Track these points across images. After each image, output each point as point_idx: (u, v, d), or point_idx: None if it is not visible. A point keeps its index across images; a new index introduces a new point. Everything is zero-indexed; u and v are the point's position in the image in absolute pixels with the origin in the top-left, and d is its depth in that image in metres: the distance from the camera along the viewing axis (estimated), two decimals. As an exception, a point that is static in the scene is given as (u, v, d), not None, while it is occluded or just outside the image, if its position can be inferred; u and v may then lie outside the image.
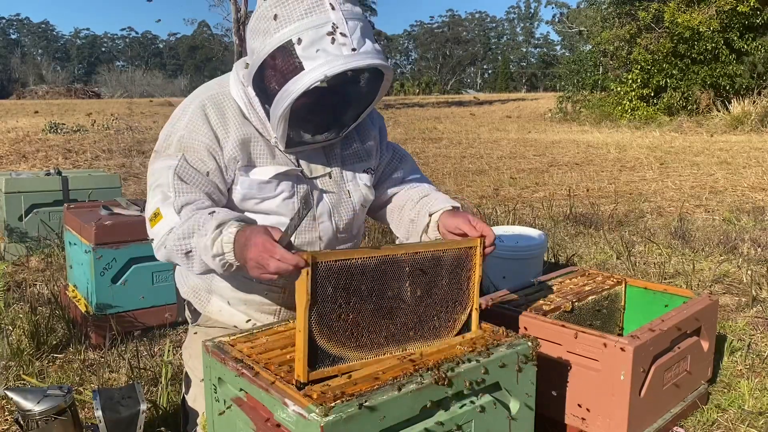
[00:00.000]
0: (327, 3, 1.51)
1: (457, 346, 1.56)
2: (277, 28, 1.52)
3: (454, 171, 9.36)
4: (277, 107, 1.57)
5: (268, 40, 1.54)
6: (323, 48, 1.49)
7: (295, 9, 1.51)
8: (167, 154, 1.69)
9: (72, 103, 34.46)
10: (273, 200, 1.75)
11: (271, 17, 1.53)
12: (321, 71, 1.48)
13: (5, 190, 4.45)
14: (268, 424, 1.36)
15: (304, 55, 1.49)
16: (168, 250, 1.61)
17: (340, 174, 1.84)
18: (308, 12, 1.51)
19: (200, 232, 1.54)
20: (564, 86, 24.67)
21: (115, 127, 16.15)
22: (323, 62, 1.48)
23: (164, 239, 1.61)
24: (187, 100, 1.77)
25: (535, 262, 3.66)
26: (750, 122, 15.23)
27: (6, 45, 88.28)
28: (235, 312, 1.90)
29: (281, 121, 1.60)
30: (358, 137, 1.88)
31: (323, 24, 1.49)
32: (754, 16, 16.81)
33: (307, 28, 1.49)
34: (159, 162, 1.70)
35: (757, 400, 2.37)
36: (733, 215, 5.73)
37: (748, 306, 3.40)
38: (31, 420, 1.72)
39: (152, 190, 1.68)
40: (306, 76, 1.49)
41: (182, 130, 1.70)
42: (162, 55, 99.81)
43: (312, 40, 1.49)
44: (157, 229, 1.63)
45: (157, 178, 1.68)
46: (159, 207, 1.63)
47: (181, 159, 1.66)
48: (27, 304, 3.34)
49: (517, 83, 79.16)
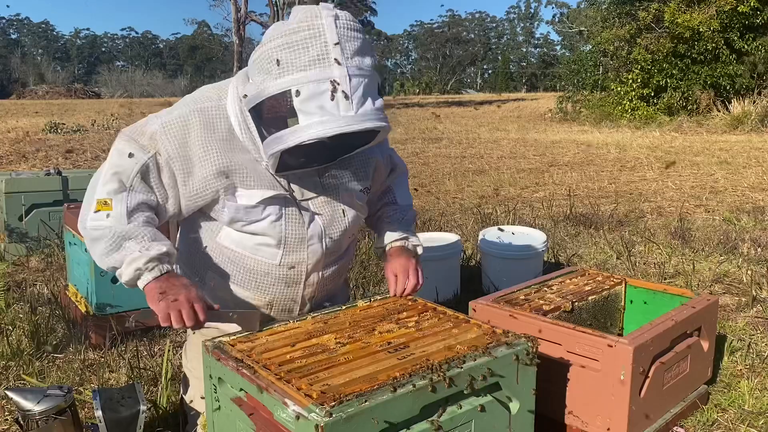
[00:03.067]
0: (333, 57, 1.46)
1: (457, 346, 1.56)
2: (279, 74, 1.48)
3: (454, 171, 9.36)
4: (269, 147, 1.54)
5: (269, 83, 1.50)
6: (321, 105, 1.44)
7: (300, 57, 1.46)
8: (139, 144, 1.65)
9: (72, 103, 34.45)
10: (260, 223, 1.74)
11: (274, 60, 1.49)
12: (315, 131, 1.45)
13: (5, 190, 4.45)
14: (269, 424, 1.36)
15: (302, 108, 1.45)
16: (95, 236, 1.62)
17: (336, 193, 1.81)
18: (312, 63, 1.46)
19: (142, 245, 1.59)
20: (564, 86, 24.69)
21: (115, 127, 16.15)
22: (318, 121, 1.44)
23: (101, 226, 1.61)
24: (181, 101, 1.74)
25: (535, 262, 3.67)
26: (750, 122, 15.23)
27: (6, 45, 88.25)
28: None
29: (274, 157, 1.57)
30: (357, 157, 1.81)
31: (324, 80, 1.44)
32: (754, 16, 16.79)
33: (308, 81, 1.44)
34: (127, 144, 1.66)
35: (757, 400, 2.37)
36: (733, 215, 5.73)
37: (748, 306, 3.39)
38: (31, 420, 1.72)
39: (110, 172, 1.64)
40: (300, 132, 1.46)
41: (161, 126, 1.66)
42: (162, 55, 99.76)
43: (311, 95, 1.44)
44: (100, 215, 1.62)
45: (119, 162, 1.65)
46: (112, 198, 1.62)
47: (152, 158, 1.64)
48: (27, 304, 3.34)
49: (517, 83, 79.11)
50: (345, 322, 1.73)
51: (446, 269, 3.56)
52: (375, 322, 1.72)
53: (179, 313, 1.52)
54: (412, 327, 1.69)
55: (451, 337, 1.62)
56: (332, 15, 1.50)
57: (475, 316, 2.14)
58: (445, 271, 3.54)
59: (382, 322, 1.73)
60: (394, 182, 2.08)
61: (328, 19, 1.48)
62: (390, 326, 1.70)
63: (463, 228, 5.38)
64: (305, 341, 1.60)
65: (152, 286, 1.57)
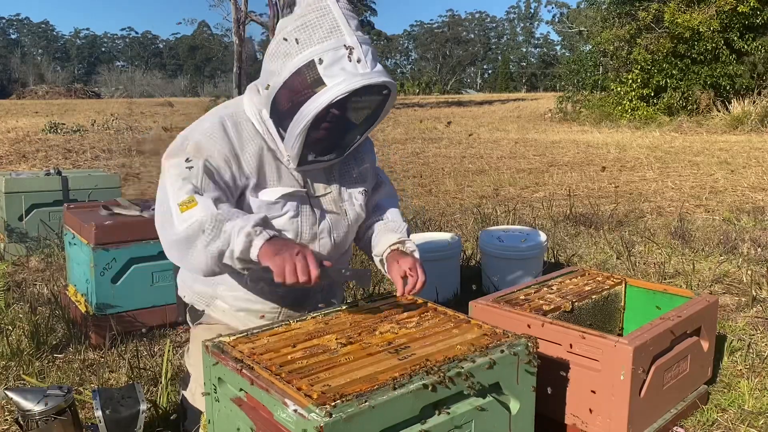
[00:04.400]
0: (342, 28, 1.66)
1: (457, 346, 1.56)
2: (300, 50, 1.66)
3: (454, 171, 9.37)
4: (297, 123, 1.67)
5: (291, 61, 1.66)
6: (342, 67, 1.64)
7: (315, 33, 1.65)
8: (186, 156, 1.72)
9: (72, 103, 34.47)
10: (279, 219, 1.84)
11: (292, 41, 1.67)
12: (344, 86, 1.62)
13: (5, 190, 4.45)
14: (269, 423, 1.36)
15: (326, 73, 1.63)
16: (192, 232, 1.62)
17: (339, 193, 1.95)
18: (327, 36, 1.65)
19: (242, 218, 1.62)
20: (564, 86, 24.69)
21: (115, 127, 16.15)
22: (344, 79, 1.63)
23: (195, 222, 1.62)
24: (204, 116, 1.84)
25: (535, 262, 3.67)
26: (750, 122, 15.24)
27: (6, 45, 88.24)
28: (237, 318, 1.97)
29: (299, 137, 1.69)
30: (354, 161, 1.99)
31: (340, 46, 1.64)
32: (754, 16, 16.80)
33: (327, 50, 1.64)
34: (178, 159, 1.72)
35: (757, 400, 2.37)
36: (733, 215, 5.73)
37: (748, 306, 3.40)
38: (31, 420, 1.72)
39: (177, 182, 1.68)
40: (329, 91, 1.63)
41: (200, 135, 1.75)
42: (162, 55, 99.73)
43: (332, 60, 1.63)
44: (189, 212, 1.63)
45: (180, 172, 1.69)
46: (193, 195, 1.65)
47: (205, 161, 1.71)
48: (27, 304, 3.34)
49: (517, 83, 79.10)
50: (346, 323, 1.73)
51: (446, 269, 3.56)
52: (376, 323, 1.72)
53: (294, 267, 1.55)
54: (413, 327, 1.69)
55: (451, 338, 1.63)
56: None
57: (475, 316, 2.14)
58: (445, 271, 3.54)
59: (383, 322, 1.73)
60: (384, 201, 2.15)
61: (332, 1, 1.69)
62: (391, 326, 1.70)
63: (463, 228, 5.38)
64: (306, 342, 1.60)
65: (266, 247, 1.59)
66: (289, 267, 1.55)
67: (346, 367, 1.44)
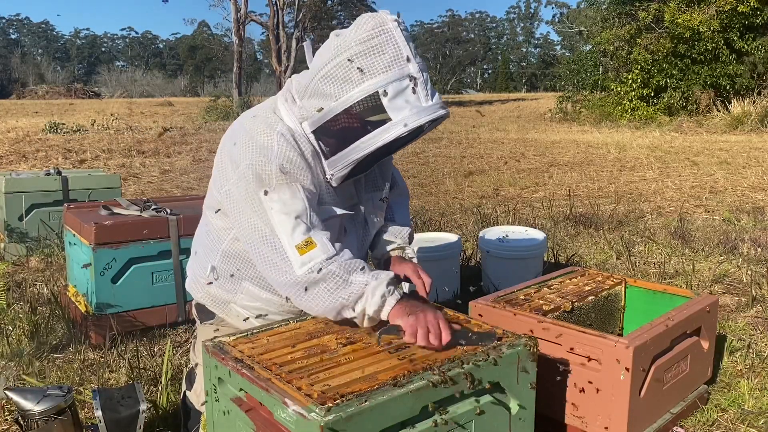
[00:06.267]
0: (405, 56, 1.60)
1: (457, 346, 1.56)
2: (363, 79, 1.59)
3: (454, 171, 9.37)
4: (356, 152, 1.63)
5: (353, 89, 1.60)
6: (407, 99, 1.59)
7: (379, 61, 1.59)
8: (281, 185, 1.64)
9: (72, 103, 34.46)
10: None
11: (354, 68, 1.60)
12: (410, 122, 1.58)
13: (5, 190, 4.45)
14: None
15: (391, 106, 1.58)
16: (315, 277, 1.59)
17: (366, 203, 1.93)
18: (391, 65, 1.59)
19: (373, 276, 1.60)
20: (564, 86, 24.71)
21: (115, 127, 16.15)
22: (409, 114, 1.58)
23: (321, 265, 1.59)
24: (256, 129, 1.71)
25: (535, 262, 3.67)
26: (750, 122, 15.25)
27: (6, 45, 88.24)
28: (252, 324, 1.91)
29: (352, 164, 1.66)
30: (378, 169, 1.95)
31: (404, 77, 1.59)
32: (754, 16, 16.81)
33: (391, 81, 1.58)
34: (276, 194, 1.64)
35: (757, 400, 2.37)
36: (733, 215, 5.73)
37: (748, 306, 3.40)
38: (31, 420, 1.72)
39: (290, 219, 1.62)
40: (396, 127, 1.58)
41: (277, 158, 1.65)
42: (162, 55, 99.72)
43: (396, 92, 1.58)
44: (310, 255, 1.60)
45: (285, 208, 1.63)
46: (310, 237, 1.62)
47: (303, 191, 1.66)
48: (27, 304, 3.34)
49: (517, 83, 79.09)
50: (346, 323, 1.73)
51: (446, 269, 3.56)
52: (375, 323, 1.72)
53: (426, 330, 1.52)
54: (412, 327, 1.69)
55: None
56: (395, 20, 1.64)
57: (475, 316, 2.14)
58: (445, 271, 3.54)
59: (383, 322, 1.73)
60: (394, 202, 2.14)
61: (393, 23, 1.62)
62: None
63: (463, 228, 5.38)
64: (306, 342, 1.60)
65: (399, 307, 1.58)
66: (422, 330, 1.52)
67: (346, 367, 1.44)
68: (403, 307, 1.58)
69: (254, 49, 75.32)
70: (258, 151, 1.66)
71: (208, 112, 21.98)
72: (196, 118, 21.12)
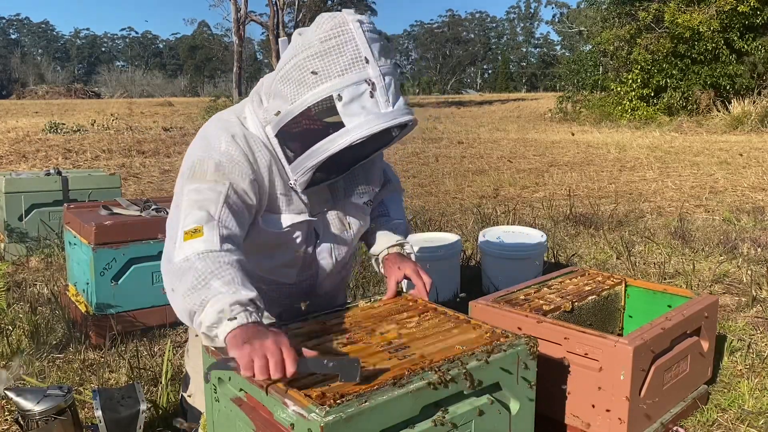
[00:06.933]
0: (364, 58, 1.52)
1: (457, 346, 1.56)
2: (317, 83, 1.52)
3: (454, 171, 9.36)
4: (311, 158, 1.56)
5: (307, 92, 1.53)
6: (363, 105, 1.51)
7: (335, 63, 1.51)
8: (208, 180, 1.59)
9: (72, 103, 34.47)
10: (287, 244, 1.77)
11: (308, 70, 1.53)
12: (363, 129, 1.50)
13: (5, 190, 4.45)
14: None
15: (345, 111, 1.50)
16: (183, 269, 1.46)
17: (343, 207, 1.85)
18: (348, 68, 1.51)
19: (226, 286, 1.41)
20: (564, 86, 24.70)
21: (115, 127, 16.15)
22: (364, 120, 1.50)
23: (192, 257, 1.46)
24: (212, 130, 1.69)
25: (535, 262, 3.67)
26: (750, 122, 15.24)
27: (6, 45, 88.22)
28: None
29: (311, 170, 1.59)
30: (362, 171, 1.87)
31: (361, 81, 1.50)
32: (754, 16, 16.81)
33: (347, 85, 1.50)
34: (198, 184, 1.59)
35: (757, 400, 2.37)
36: (733, 215, 5.73)
37: (748, 306, 3.40)
38: (31, 420, 1.72)
39: (193, 205, 1.55)
40: (349, 134, 1.51)
41: (220, 156, 1.61)
42: (162, 55, 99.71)
43: (352, 97, 1.50)
44: (191, 243, 1.49)
45: (199, 197, 1.57)
46: (202, 225, 1.51)
47: (229, 188, 1.59)
48: (27, 304, 3.34)
49: (517, 83, 79.10)
50: (346, 323, 1.73)
51: (446, 269, 3.56)
52: (376, 323, 1.72)
53: (265, 361, 1.30)
54: (413, 327, 1.69)
55: (451, 338, 1.62)
56: (357, 20, 1.55)
57: (475, 316, 2.14)
58: (445, 271, 3.54)
59: (383, 322, 1.73)
60: (387, 198, 2.11)
61: (355, 24, 1.54)
62: (391, 327, 1.70)
63: (463, 228, 5.38)
64: (306, 342, 1.59)
65: (237, 333, 1.36)
66: (260, 362, 1.30)
67: (346, 367, 1.44)
68: (241, 333, 1.36)
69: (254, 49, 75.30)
70: (204, 149, 1.65)
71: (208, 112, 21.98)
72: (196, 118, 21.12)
